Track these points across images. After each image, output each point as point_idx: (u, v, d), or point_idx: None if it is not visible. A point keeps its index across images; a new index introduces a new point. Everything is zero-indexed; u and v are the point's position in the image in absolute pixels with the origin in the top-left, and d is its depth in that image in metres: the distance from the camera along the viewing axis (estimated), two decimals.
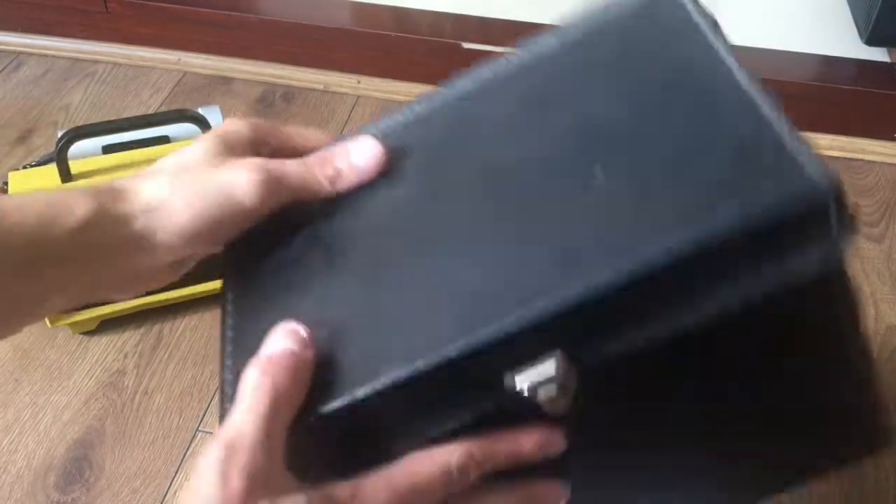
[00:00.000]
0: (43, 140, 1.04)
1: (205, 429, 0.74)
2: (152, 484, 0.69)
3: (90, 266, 0.41)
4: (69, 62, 1.18)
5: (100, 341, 0.80)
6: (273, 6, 1.16)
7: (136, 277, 0.43)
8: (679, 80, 0.40)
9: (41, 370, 0.78)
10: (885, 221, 0.98)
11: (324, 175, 0.43)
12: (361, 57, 1.13)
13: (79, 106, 1.10)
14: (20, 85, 1.13)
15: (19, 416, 0.74)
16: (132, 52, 1.17)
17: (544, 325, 0.35)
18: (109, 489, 0.69)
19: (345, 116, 1.10)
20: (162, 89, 1.13)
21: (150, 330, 0.82)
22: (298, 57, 1.15)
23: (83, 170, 0.75)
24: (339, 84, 1.14)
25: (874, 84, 1.07)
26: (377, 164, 0.43)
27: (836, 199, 0.35)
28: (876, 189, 1.03)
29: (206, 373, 0.78)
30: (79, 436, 0.73)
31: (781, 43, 1.12)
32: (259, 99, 1.13)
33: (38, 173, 0.77)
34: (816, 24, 1.23)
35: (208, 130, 0.75)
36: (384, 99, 1.13)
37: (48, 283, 0.41)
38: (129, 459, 0.71)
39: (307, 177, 0.43)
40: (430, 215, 0.42)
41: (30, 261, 0.39)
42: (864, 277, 0.91)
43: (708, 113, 0.38)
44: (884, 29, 1.13)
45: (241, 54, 1.16)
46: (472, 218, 0.40)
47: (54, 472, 0.70)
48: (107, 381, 0.77)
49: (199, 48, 1.16)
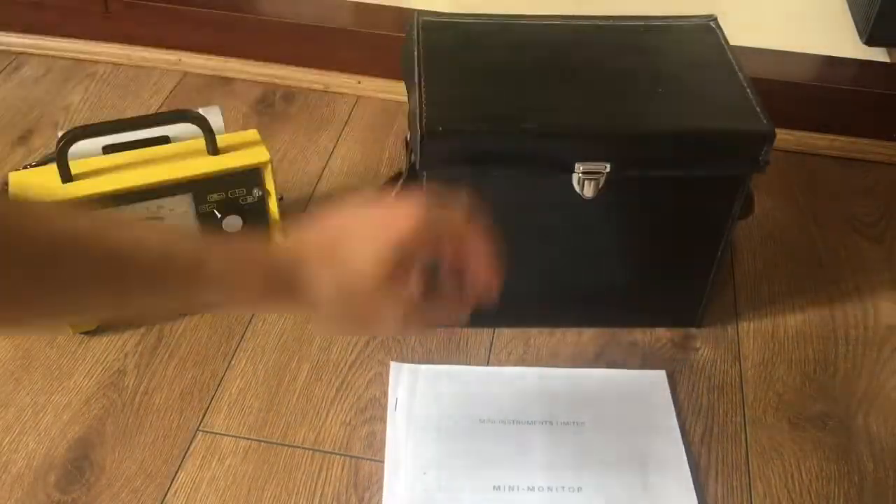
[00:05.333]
0: (43, 140, 1.04)
1: (205, 429, 0.74)
2: (152, 484, 0.70)
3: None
4: (69, 62, 1.18)
5: (100, 341, 0.80)
6: (273, 6, 1.16)
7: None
8: (702, 62, 0.78)
9: (42, 370, 0.78)
10: (884, 221, 0.98)
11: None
12: (361, 57, 1.13)
13: (79, 106, 1.10)
14: (20, 85, 1.13)
15: (20, 416, 0.74)
16: (132, 53, 1.18)
17: (607, 141, 0.70)
18: (109, 489, 0.69)
19: (345, 116, 1.10)
20: (162, 89, 1.13)
21: (151, 330, 0.82)
22: (298, 57, 1.15)
23: (83, 170, 0.75)
24: (339, 84, 1.14)
25: (874, 84, 1.07)
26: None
27: (771, 135, 0.70)
28: (876, 189, 1.03)
29: (206, 373, 0.78)
30: (79, 435, 0.73)
31: (781, 43, 1.12)
32: (259, 99, 1.13)
33: (38, 173, 0.77)
34: (816, 24, 1.23)
35: (208, 130, 0.76)
36: (384, 99, 1.13)
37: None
38: (129, 459, 0.71)
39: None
40: (560, 76, 0.76)
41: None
42: (864, 277, 0.91)
43: (718, 81, 0.75)
44: (884, 29, 1.13)
45: (241, 54, 1.16)
46: (587, 79, 0.75)
47: (55, 471, 0.70)
48: (107, 381, 0.77)
49: (199, 48, 1.16)
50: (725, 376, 0.80)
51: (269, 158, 0.78)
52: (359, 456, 0.72)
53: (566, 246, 0.77)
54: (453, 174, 0.71)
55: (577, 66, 0.76)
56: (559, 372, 0.79)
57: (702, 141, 0.70)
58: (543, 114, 0.71)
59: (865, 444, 0.75)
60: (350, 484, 0.70)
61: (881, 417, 0.77)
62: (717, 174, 0.72)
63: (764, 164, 0.71)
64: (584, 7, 0.88)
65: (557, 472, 0.70)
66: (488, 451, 0.72)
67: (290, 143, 1.05)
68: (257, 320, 0.83)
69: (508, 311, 0.82)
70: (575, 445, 0.72)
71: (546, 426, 0.74)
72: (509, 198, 0.73)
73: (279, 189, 0.82)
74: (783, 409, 0.77)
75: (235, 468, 0.71)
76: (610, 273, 0.79)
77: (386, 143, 1.06)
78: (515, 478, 0.70)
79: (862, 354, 0.83)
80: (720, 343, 0.83)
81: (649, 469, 0.71)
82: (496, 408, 0.75)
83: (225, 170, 0.77)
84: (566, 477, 0.70)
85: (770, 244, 0.95)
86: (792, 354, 0.82)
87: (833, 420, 0.77)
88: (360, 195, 0.70)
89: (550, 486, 0.69)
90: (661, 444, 0.73)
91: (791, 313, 0.87)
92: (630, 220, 0.76)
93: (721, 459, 0.73)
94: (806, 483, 0.72)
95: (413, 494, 0.69)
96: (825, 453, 0.74)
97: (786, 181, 1.03)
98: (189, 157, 0.78)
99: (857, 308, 0.87)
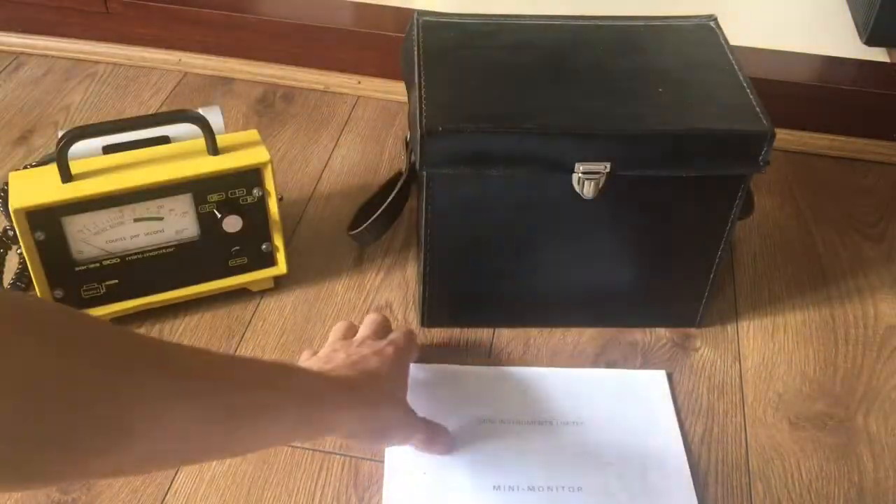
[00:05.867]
0: (43, 140, 1.04)
1: None
2: (152, 484, 0.69)
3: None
4: (70, 62, 1.18)
5: None
6: (273, 6, 1.16)
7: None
8: (703, 62, 0.78)
9: None
10: (884, 221, 0.98)
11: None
12: (361, 57, 1.13)
13: (79, 106, 1.10)
14: (21, 85, 1.13)
15: None
16: (132, 53, 1.18)
17: (607, 141, 0.70)
18: (109, 489, 0.69)
19: (345, 117, 1.10)
20: (162, 90, 1.13)
21: (151, 330, 0.82)
22: (298, 57, 1.15)
23: (83, 170, 0.75)
24: (339, 84, 1.14)
25: (874, 84, 1.07)
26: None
27: (770, 135, 0.70)
28: (876, 189, 1.03)
29: None
30: None
31: (781, 43, 1.12)
32: (259, 99, 1.13)
33: (38, 173, 0.77)
34: (816, 24, 1.23)
35: (208, 130, 0.76)
36: (384, 99, 1.13)
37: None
38: None
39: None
40: (559, 74, 0.76)
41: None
42: (864, 277, 0.91)
43: (718, 81, 0.76)
44: (884, 29, 1.13)
45: (241, 54, 1.16)
46: (587, 79, 0.75)
47: None
48: None
49: (200, 48, 1.17)
50: (725, 376, 0.80)
51: (269, 158, 0.78)
52: (359, 456, 0.72)
53: (566, 246, 0.77)
54: (453, 174, 0.71)
55: (577, 66, 0.76)
56: (559, 372, 0.79)
57: (702, 141, 0.70)
58: (543, 114, 0.71)
59: (865, 444, 0.75)
60: (350, 484, 0.70)
61: (881, 417, 0.77)
62: (717, 174, 0.72)
63: (764, 164, 0.71)
64: (584, 7, 0.88)
65: (557, 471, 0.70)
66: (488, 451, 0.72)
67: (290, 143, 1.05)
68: (257, 320, 0.83)
69: (508, 311, 0.82)
70: (575, 445, 0.73)
71: (546, 426, 0.74)
72: (509, 198, 0.73)
73: (279, 189, 0.82)
74: (783, 409, 0.77)
75: (235, 468, 0.71)
76: (610, 273, 0.79)
77: (386, 143, 1.06)
78: (515, 478, 0.70)
79: (862, 354, 0.83)
80: (720, 343, 0.83)
81: (649, 469, 0.71)
82: (496, 408, 0.75)
83: (225, 170, 0.77)
84: (566, 477, 0.70)
85: (770, 244, 0.95)
86: (792, 354, 0.82)
87: (833, 420, 0.77)
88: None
89: (550, 485, 0.69)
90: (660, 444, 0.73)
91: (791, 313, 0.87)
92: (630, 220, 0.76)
93: (721, 459, 0.73)
94: (806, 483, 0.72)
95: (412, 495, 0.69)
96: (825, 453, 0.74)
97: (786, 181, 1.03)
98: (189, 157, 0.78)
99: (857, 308, 0.87)
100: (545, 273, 0.79)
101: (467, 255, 0.78)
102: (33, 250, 0.74)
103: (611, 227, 0.76)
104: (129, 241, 0.78)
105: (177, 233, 0.79)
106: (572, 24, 0.82)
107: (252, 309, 0.84)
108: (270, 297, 0.85)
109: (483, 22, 0.82)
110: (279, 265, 0.85)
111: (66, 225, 0.75)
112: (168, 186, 0.76)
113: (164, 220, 0.78)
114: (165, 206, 0.77)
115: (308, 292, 0.86)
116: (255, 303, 0.85)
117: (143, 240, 0.78)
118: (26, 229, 0.73)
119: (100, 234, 0.76)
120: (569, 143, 0.70)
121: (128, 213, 0.76)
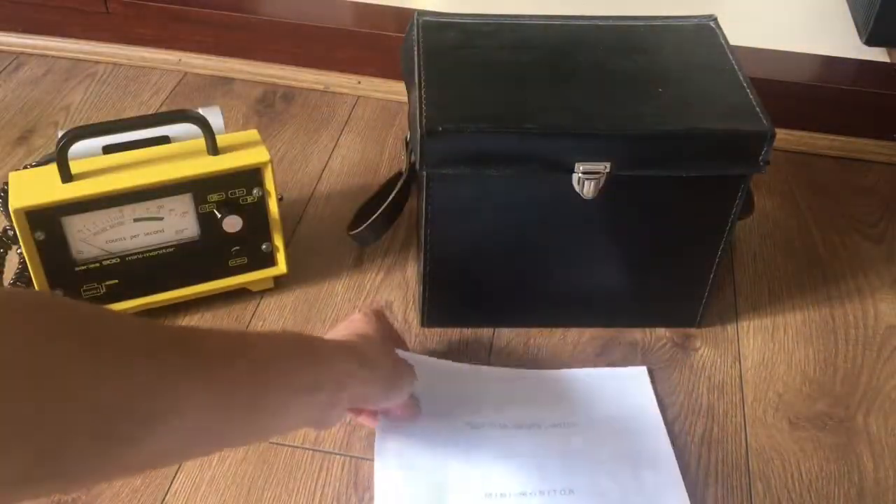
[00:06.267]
0: (43, 140, 1.04)
1: None
2: (153, 484, 0.69)
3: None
4: (70, 62, 1.18)
5: None
6: (273, 6, 1.16)
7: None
8: (703, 62, 0.78)
9: None
10: (884, 221, 0.98)
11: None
12: (361, 57, 1.13)
13: (79, 106, 1.10)
14: (21, 85, 1.13)
15: None
16: (133, 53, 1.18)
17: (607, 141, 0.70)
18: (110, 489, 0.69)
19: (345, 117, 1.10)
20: (162, 90, 1.13)
21: None
22: (298, 57, 1.15)
23: (83, 170, 0.75)
24: (339, 84, 1.15)
25: (874, 84, 1.07)
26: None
27: (770, 135, 0.70)
28: (876, 189, 1.03)
29: None
30: None
31: (781, 43, 1.12)
32: (259, 99, 1.13)
33: (38, 173, 0.77)
34: (816, 24, 1.23)
35: (208, 130, 0.76)
36: (384, 99, 1.13)
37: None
38: None
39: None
40: (559, 74, 0.76)
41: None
42: (864, 277, 0.91)
43: (718, 81, 0.76)
44: (884, 29, 1.13)
45: (241, 54, 1.16)
46: (588, 79, 0.75)
47: None
48: None
49: (200, 48, 1.17)
50: (725, 376, 0.80)
51: (269, 158, 0.78)
52: (359, 456, 0.72)
53: (566, 246, 0.77)
54: (453, 174, 0.71)
55: (577, 66, 0.76)
56: (540, 374, 0.79)
57: (702, 141, 0.70)
58: (543, 114, 0.71)
59: (865, 444, 0.75)
60: (350, 484, 0.70)
61: (881, 417, 0.77)
62: (717, 174, 0.72)
63: (764, 164, 0.71)
64: (584, 7, 0.88)
65: (548, 475, 0.70)
66: (477, 457, 0.71)
67: (290, 143, 1.05)
68: (257, 320, 0.83)
69: (508, 311, 0.82)
70: (563, 448, 0.72)
71: (534, 429, 0.74)
72: (509, 198, 0.73)
73: (279, 189, 0.82)
74: (783, 409, 0.77)
75: (235, 468, 0.71)
76: (610, 273, 0.79)
77: (386, 143, 1.06)
78: (506, 484, 0.69)
79: (862, 354, 0.83)
80: (720, 343, 0.83)
81: (640, 467, 0.71)
82: (484, 413, 0.75)
83: (225, 170, 0.77)
84: (557, 480, 0.70)
85: (770, 244, 0.95)
86: (792, 354, 0.82)
87: (833, 420, 0.77)
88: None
89: (542, 490, 0.69)
90: (648, 441, 0.73)
91: (791, 313, 0.87)
92: (630, 220, 0.76)
93: (721, 459, 0.73)
94: (806, 483, 0.72)
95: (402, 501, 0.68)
96: (825, 453, 0.74)
97: (786, 181, 1.03)
98: (189, 157, 0.78)
99: (857, 308, 0.87)
100: (545, 273, 0.79)
101: (467, 256, 0.78)
102: (33, 250, 0.74)
103: (611, 226, 0.76)
104: (129, 241, 0.78)
105: (177, 233, 0.79)
106: (572, 24, 0.82)
107: (252, 309, 0.84)
108: (270, 297, 0.85)
109: (483, 22, 0.82)
110: (279, 265, 0.85)
111: (66, 225, 0.75)
112: (168, 186, 0.76)
113: (164, 220, 0.78)
114: (165, 206, 0.77)
115: (308, 292, 0.86)
116: (255, 303, 0.85)
117: (143, 240, 0.78)
118: (26, 229, 0.73)
119: (100, 234, 0.76)
120: (569, 143, 0.70)
121: (128, 213, 0.76)
